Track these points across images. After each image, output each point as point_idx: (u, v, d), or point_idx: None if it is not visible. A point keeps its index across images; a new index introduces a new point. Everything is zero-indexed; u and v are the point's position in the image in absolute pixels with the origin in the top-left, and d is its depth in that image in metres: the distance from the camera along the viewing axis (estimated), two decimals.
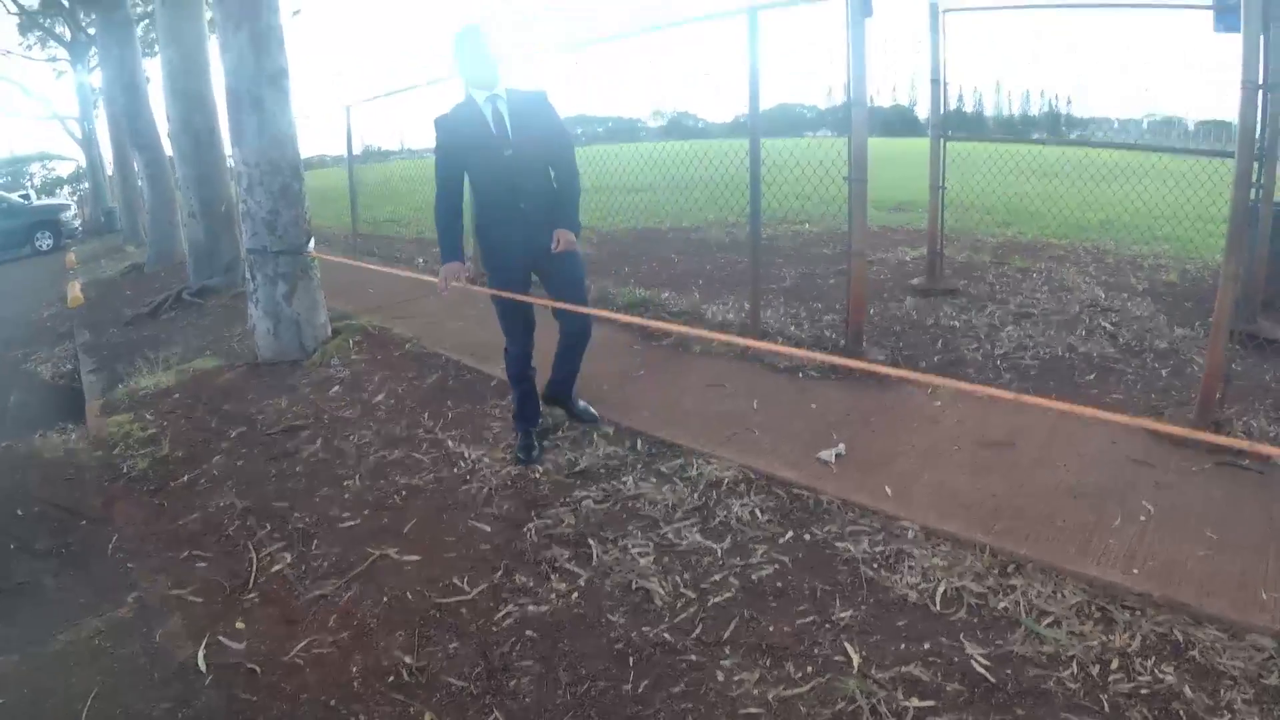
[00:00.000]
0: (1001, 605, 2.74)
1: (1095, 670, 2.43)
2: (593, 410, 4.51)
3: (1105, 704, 2.30)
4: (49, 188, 41.15)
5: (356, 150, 12.73)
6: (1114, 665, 2.44)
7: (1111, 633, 2.56)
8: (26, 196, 27.57)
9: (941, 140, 6.44)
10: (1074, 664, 2.45)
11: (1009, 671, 2.44)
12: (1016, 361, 4.94)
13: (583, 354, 4.27)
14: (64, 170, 43.45)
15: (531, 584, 3.11)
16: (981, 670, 2.45)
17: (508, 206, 3.91)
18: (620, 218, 11.20)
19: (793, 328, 5.78)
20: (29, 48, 26.11)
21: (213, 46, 9.68)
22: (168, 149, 11.80)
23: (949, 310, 6.02)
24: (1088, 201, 9.13)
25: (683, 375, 5.10)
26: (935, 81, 6.41)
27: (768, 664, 2.58)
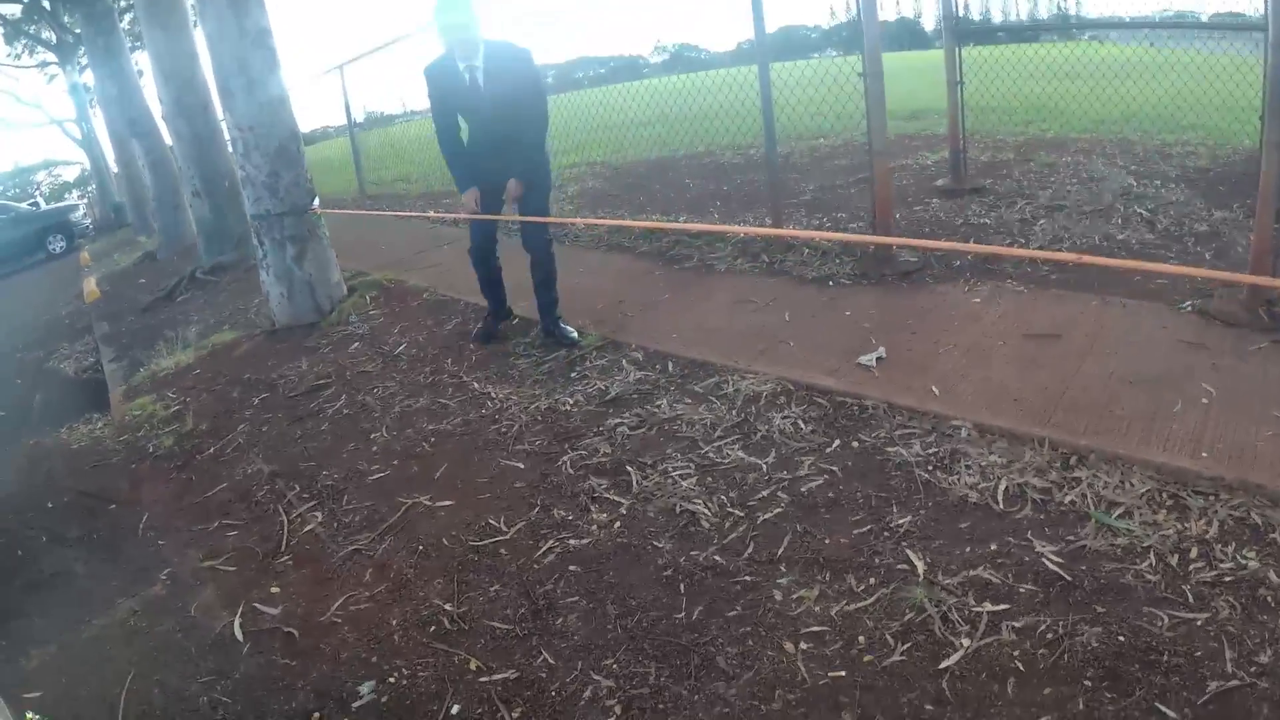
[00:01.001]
0: (1068, 499, 2.59)
1: (1174, 560, 2.28)
2: (571, 333, 4.74)
3: (1189, 594, 2.15)
4: (58, 194, 41.36)
5: (359, 118, 12.64)
6: (1193, 554, 2.29)
7: (1186, 520, 2.41)
8: (35, 204, 27.76)
9: (954, 34, 6.18)
10: (1151, 555, 2.31)
11: (1083, 568, 2.30)
12: (1054, 253, 4.73)
13: (551, 278, 4.70)
14: (70, 175, 43.75)
15: (571, 517, 3.00)
16: (1054, 568, 2.31)
17: (483, 147, 4.56)
18: (633, 150, 10.98)
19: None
20: (16, 56, 26.07)
21: (199, 32, 9.57)
22: (166, 136, 11.74)
23: (977, 209, 5.82)
24: (1107, 98, 8.81)
25: (708, 295, 4.97)
26: None
27: (827, 578, 2.45)
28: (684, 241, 6.10)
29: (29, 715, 1.48)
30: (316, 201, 6.18)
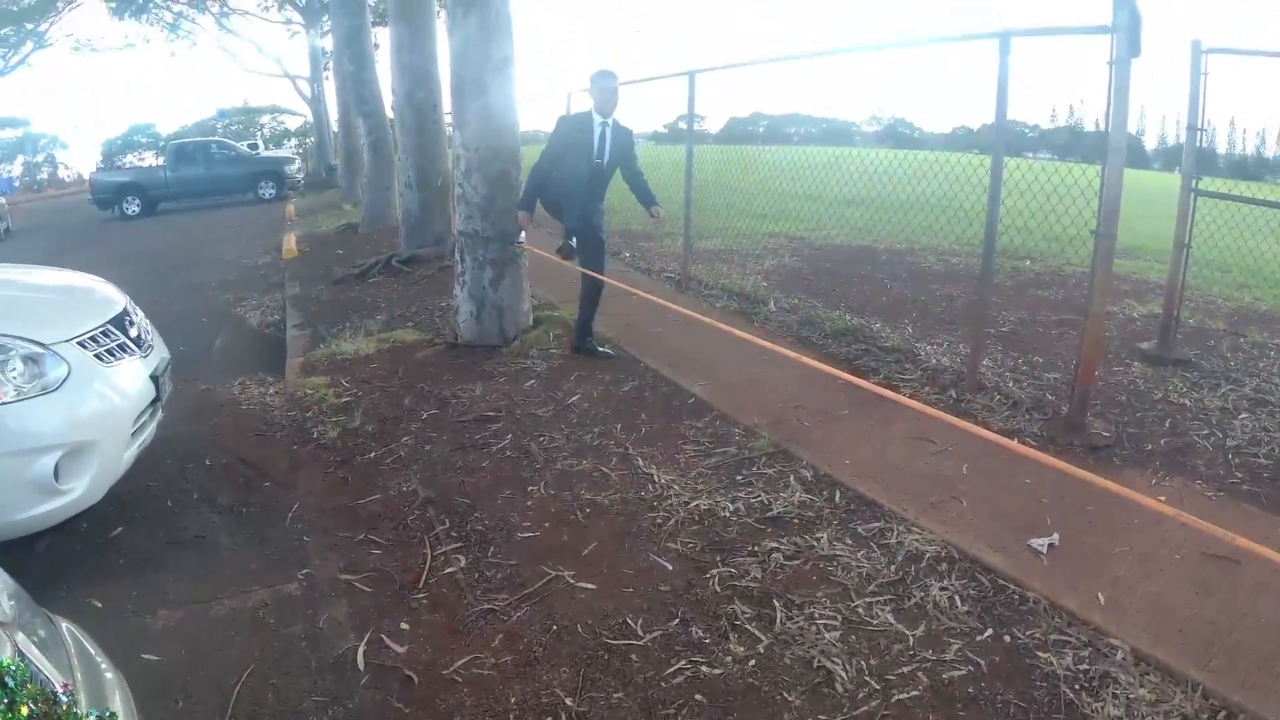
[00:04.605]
0: None
1: None
2: (607, 350, 6.15)
3: None
4: (276, 139, 44.55)
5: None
6: None
7: None
8: (255, 146, 29.97)
9: (1193, 194, 5.85)
10: None
11: None
12: (1249, 457, 4.34)
13: (595, 302, 6.09)
14: (292, 124, 47.02)
15: (708, 640, 2.93)
16: None
17: (582, 191, 5.70)
18: (835, 231, 10.82)
19: (1011, 383, 5.37)
20: (266, 9, 28.47)
21: (440, 24, 10.06)
22: (391, 117, 12.35)
23: (1178, 385, 5.45)
24: None
25: (888, 422, 4.80)
26: (1192, 129, 5.81)
27: None
28: (872, 353, 5.99)
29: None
30: (524, 235, 6.34)
